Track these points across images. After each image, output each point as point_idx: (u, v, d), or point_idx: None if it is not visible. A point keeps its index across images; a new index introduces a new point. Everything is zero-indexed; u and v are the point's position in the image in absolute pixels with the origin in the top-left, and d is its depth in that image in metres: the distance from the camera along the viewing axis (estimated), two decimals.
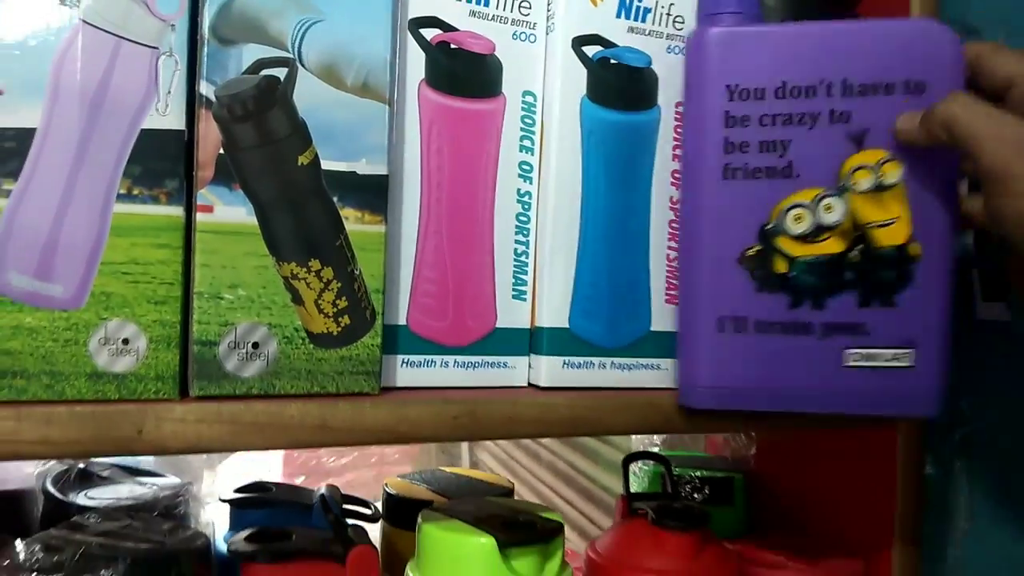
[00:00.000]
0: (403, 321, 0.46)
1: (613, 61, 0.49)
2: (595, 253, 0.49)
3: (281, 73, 0.41)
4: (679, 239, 0.46)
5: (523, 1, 0.48)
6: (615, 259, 0.49)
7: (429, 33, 0.46)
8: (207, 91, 0.40)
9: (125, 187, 0.39)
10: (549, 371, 0.48)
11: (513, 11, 0.48)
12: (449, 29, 0.46)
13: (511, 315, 0.49)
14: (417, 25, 0.46)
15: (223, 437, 0.39)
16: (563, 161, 0.48)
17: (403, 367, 0.46)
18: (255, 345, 0.41)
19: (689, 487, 0.64)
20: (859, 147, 0.42)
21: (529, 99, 0.49)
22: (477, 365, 0.48)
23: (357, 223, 0.43)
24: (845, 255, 0.43)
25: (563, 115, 0.48)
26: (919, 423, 0.58)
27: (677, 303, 0.48)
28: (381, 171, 0.43)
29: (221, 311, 0.40)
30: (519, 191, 0.49)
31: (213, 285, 0.40)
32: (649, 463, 0.67)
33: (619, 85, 0.49)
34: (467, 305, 0.48)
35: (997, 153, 0.37)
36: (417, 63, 0.46)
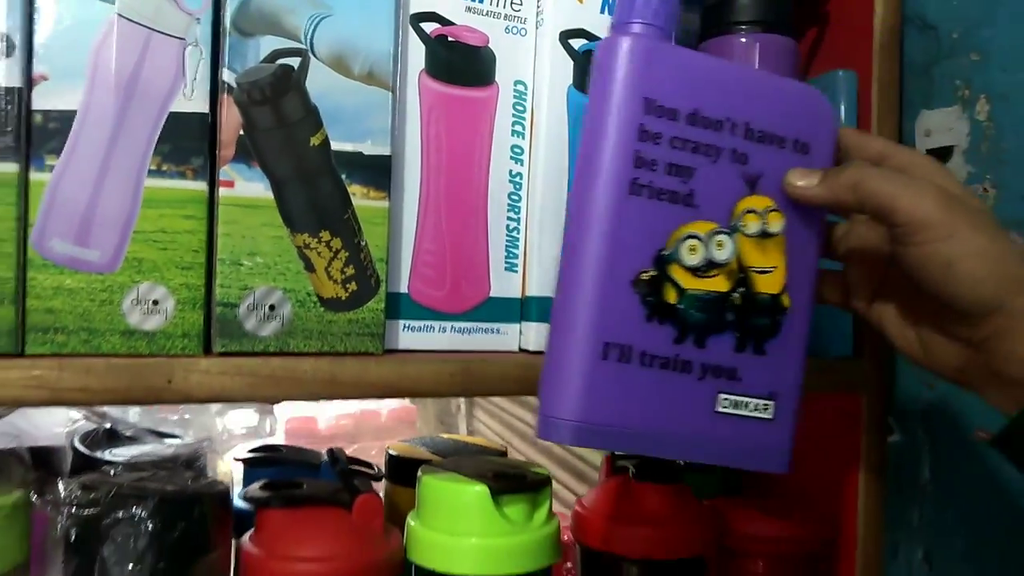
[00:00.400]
0: (404, 289, 0.51)
1: None
2: None
3: (295, 62, 0.45)
4: (564, 253, 0.41)
5: None
6: None
7: (428, 27, 0.50)
8: (229, 78, 0.44)
9: (155, 164, 0.43)
10: (538, 336, 0.53)
11: (505, 7, 0.52)
12: (447, 23, 0.51)
13: (503, 285, 0.53)
14: (418, 19, 0.50)
15: (243, 388, 0.44)
16: (551, 145, 0.53)
17: (404, 332, 0.51)
18: (271, 307, 0.45)
19: None
20: (752, 190, 0.42)
21: (520, 88, 0.53)
22: (472, 331, 0.53)
23: (363, 198, 0.47)
24: (729, 295, 0.42)
25: (551, 102, 0.53)
26: (885, 389, 0.62)
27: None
28: (385, 152, 0.48)
29: (241, 276, 0.45)
30: (511, 172, 0.53)
31: (234, 253, 0.45)
32: None
33: None
34: (463, 275, 0.52)
35: (916, 204, 0.39)
36: (417, 54, 0.50)
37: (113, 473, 0.47)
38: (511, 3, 0.52)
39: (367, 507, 0.49)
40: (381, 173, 0.48)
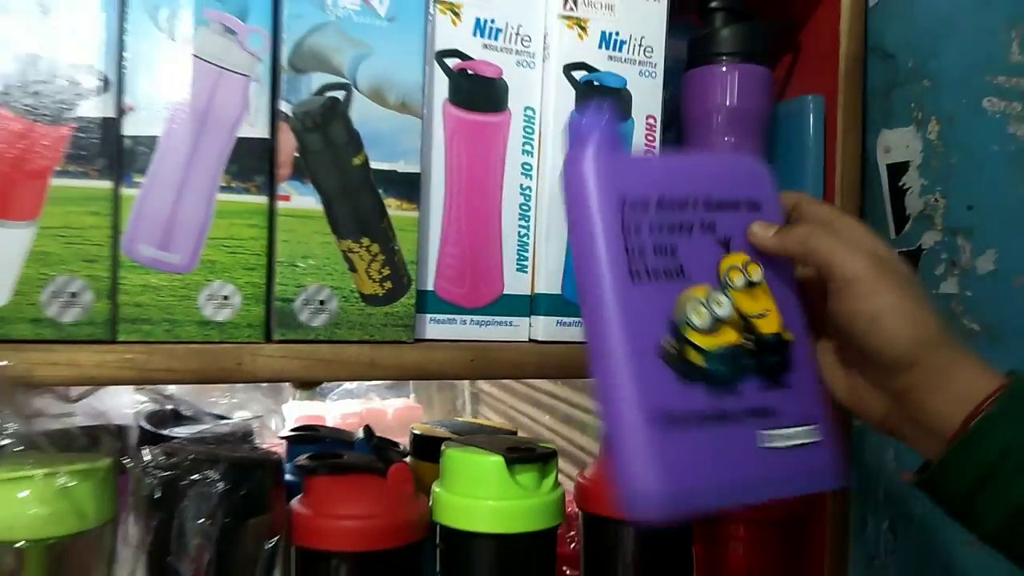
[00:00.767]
0: (431, 287, 0.59)
1: (596, 83, 0.61)
2: None
3: (340, 95, 0.54)
4: (590, 342, 0.44)
5: (524, 36, 0.60)
6: None
7: (451, 61, 0.58)
8: (285, 108, 0.52)
9: (225, 181, 0.52)
10: (545, 328, 0.61)
11: (517, 44, 0.60)
12: (467, 58, 0.59)
13: (515, 284, 0.61)
14: (442, 55, 0.58)
15: (299, 370, 0.52)
16: (557, 162, 0.61)
17: (431, 323, 0.59)
18: (321, 302, 0.54)
19: None
20: (727, 251, 0.47)
21: (529, 113, 0.61)
22: (488, 323, 0.61)
23: (397, 209, 0.55)
24: (741, 345, 0.46)
25: (556, 126, 0.61)
26: None
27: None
28: (415, 170, 0.56)
29: (296, 276, 0.53)
30: (521, 186, 0.61)
31: (290, 256, 0.53)
32: None
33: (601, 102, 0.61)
34: (480, 275, 0.60)
35: (849, 264, 0.44)
36: (442, 85, 0.58)
37: (183, 445, 0.54)
38: (521, 40, 0.60)
39: (400, 474, 0.57)
40: (412, 188, 0.56)
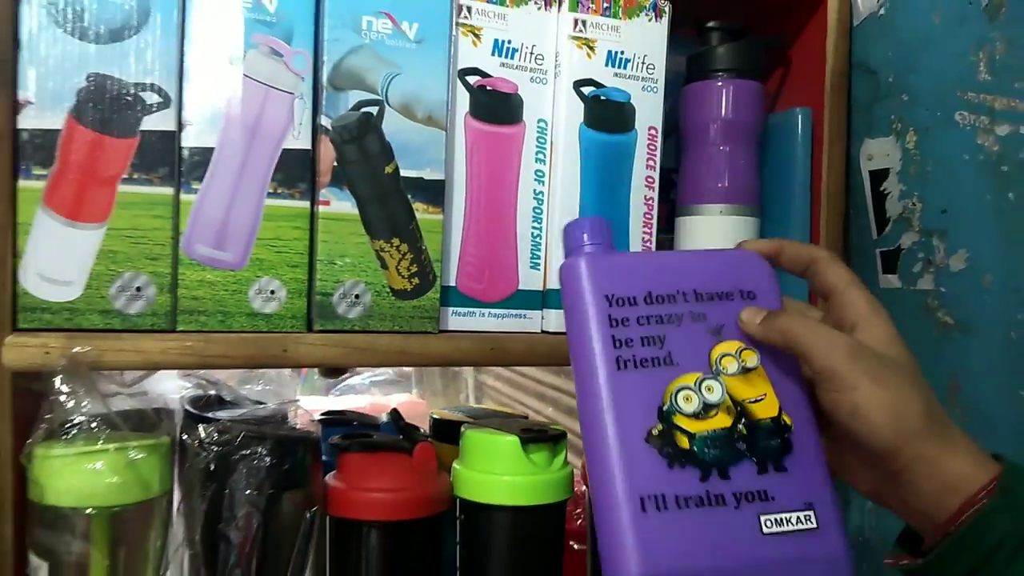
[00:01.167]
0: (453, 283, 0.65)
1: (603, 97, 0.67)
2: None
3: (374, 110, 0.60)
4: (583, 428, 0.46)
5: (538, 55, 0.66)
6: None
7: (472, 79, 0.64)
8: (325, 122, 0.58)
9: (272, 187, 0.57)
10: (556, 320, 0.67)
11: (531, 62, 0.66)
12: (486, 75, 0.65)
13: (529, 280, 0.67)
14: (463, 73, 0.64)
15: (338, 357, 0.58)
16: (567, 170, 0.67)
17: (453, 316, 0.65)
18: (356, 296, 0.60)
19: None
20: (719, 339, 0.48)
21: (542, 124, 0.67)
22: (504, 316, 0.67)
23: (424, 213, 0.61)
24: (734, 427, 0.46)
25: (567, 137, 0.67)
26: None
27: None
28: (440, 177, 0.62)
29: (334, 272, 0.59)
30: (535, 191, 0.67)
31: (329, 255, 0.59)
32: None
33: (607, 115, 0.67)
34: (498, 272, 0.66)
35: (826, 357, 0.44)
36: (464, 100, 0.64)
37: (232, 424, 0.60)
38: (535, 59, 0.66)
39: (424, 452, 0.63)
40: (437, 193, 0.62)
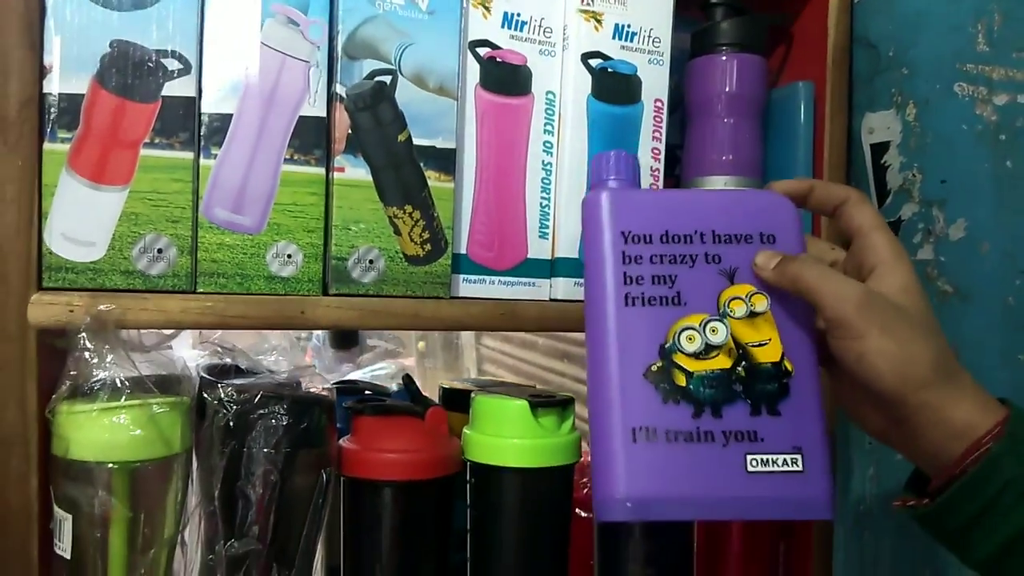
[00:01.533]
0: (464, 251, 0.66)
1: (610, 70, 0.69)
2: None
3: (388, 79, 0.61)
4: (588, 360, 0.49)
5: (547, 27, 0.68)
6: None
7: (482, 51, 0.66)
8: (340, 91, 0.60)
9: (289, 154, 0.59)
10: (564, 288, 0.68)
11: (540, 35, 0.68)
12: (496, 48, 0.66)
13: (538, 248, 0.69)
14: (474, 45, 0.66)
15: (353, 319, 0.59)
16: (574, 141, 0.68)
17: (464, 283, 0.66)
18: (370, 261, 0.61)
19: None
20: (731, 282, 0.49)
21: (550, 96, 0.69)
22: (514, 283, 0.68)
23: (436, 181, 0.63)
24: (733, 369, 0.48)
25: (575, 108, 0.68)
26: None
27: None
28: (451, 146, 0.63)
29: (349, 238, 0.60)
30: (543, 162, 0.69)
31: (344, 220, 0.60)
32: None
33: (614, 87, 0.69)
34: (507, 241, 0.68)
35: (836, 306, 0.45)
36: (474, 72, 0.66)
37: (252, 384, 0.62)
38: (544, 31, 0.68)
39: (436, 416, 0.65)
40: (448, 162, 0.63)
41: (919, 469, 0.50)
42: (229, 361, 0.69)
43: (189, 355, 0.73)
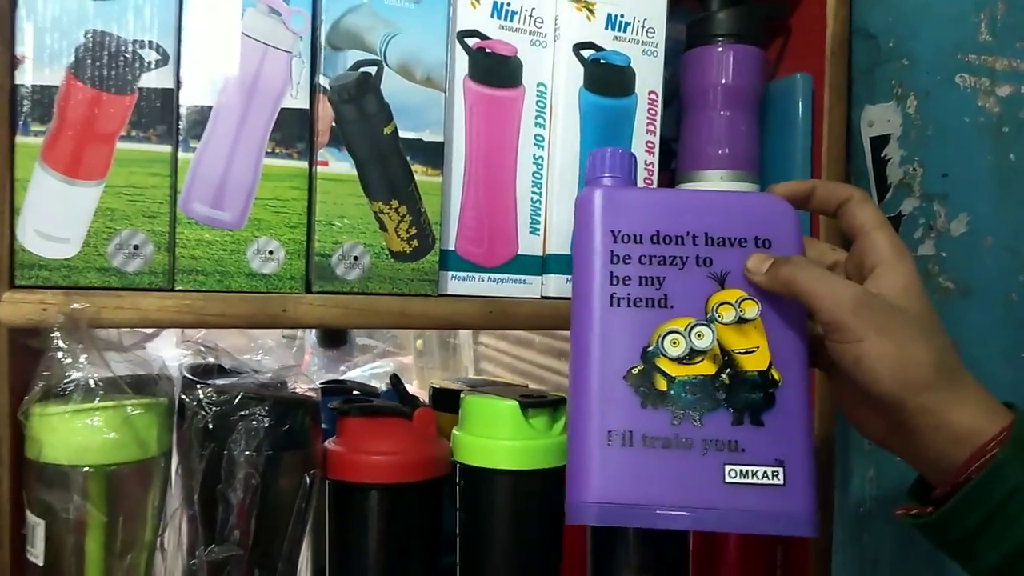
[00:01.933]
0: (453, 247, 0.65)
1: (603, 61, 0.67)
2: None
3: (373, 70, 0.59)
4: (571, 360, 0.48)
5: (537, 17, 0.66)
6: None
7: (471, 41, 0.64)
8: (324, 82, 0.58)
9: (270, 147, 0.57)
10: (556, 285, 0.67)
11: (530, 25, 0.66)
12: (485, 38, 0.65)
13: (529, 245, 0.67)
14: (463, 35, 0.64)
15: (337, 317, 0.58)
16: (566, 134, 0.67)
17: (452, 280, 0.65)
18: (355, 258, 0.59)
19: None
20: (721, 286, 0.48)
21: (542, 88, 0.67)
22: (504, 281, 0.66)
23: (423, 175, 0.61)
24: (717, 376, 0.46)
25: (566, 100, 0.66)
26: None
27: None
28: (439, 139, 0.62)
29: (333, 234, 0.59)
30: (534, 155, 0.67)
31: (328, 216, 0.59)
32: None
33: (607, 78, 0.67)
34: (497, 237, 0.66)
35: (832, 308, 0.44)
36: (463, 62, 0.64)
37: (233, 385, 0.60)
38: (535, 22, 0.66)
39: (424, 416, 0.63)
40: (436, 155, 0.62)
41: (922, 476, 0.48)
42: (212, 360, 0.67)
43: (172, 354, 0.71)
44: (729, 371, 0.47)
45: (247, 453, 0.57)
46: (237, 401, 0.57)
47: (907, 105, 0.71)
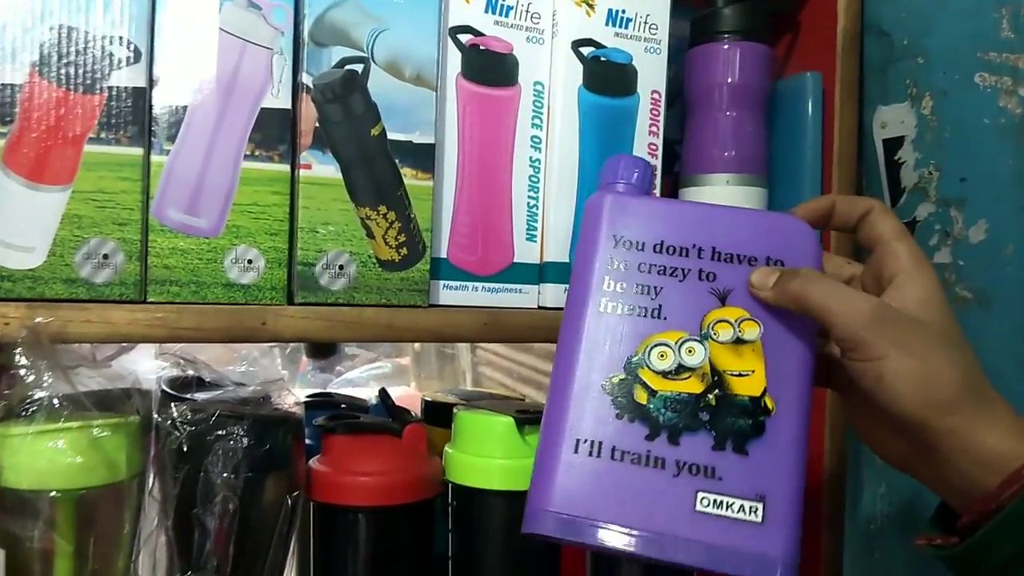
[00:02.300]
0: (444, 255, 0.61)
1: (603, 59, 0.64)
2: None
3: (359, 68, 0.56)
4: (554, 362, 0.46)
5: (534, 13, 0.63)
6: None
7: (464, 37, 0.61)
8: (307, 80, 0.55)
9: (250, 149, 0.54)
10: (553, 295, 0.63)
11: (527, 20, 0.63)
12: (479, 34, 0.61)
13: (525, 252, 0.64)
14: (455, 31, 0.60)
15: (321, 330, 0.54)
16: (565, 135, 0.63)
17: (444, 290, 0.61)
18: (340, 267, 0.56)
19: None
20: (722, 303, 0.45)
21: (539, 87, 0.63)
22: (499, 290, 0.63)
23: (412, 179, 0.58)
24: (703, 396, 0.43)
25: (565, 100, 0.63)
26: None
27: None
28: (430, 141, 0.58)
29: (317, 241, 0.55)
30: (531, 158, 0.64)
31: (311, 222, 0.55)
32: None
33: (607, 77, 0.64)
34: (492, 244, 0.63)
35: (847, 323, 0.41)
36: (455, 60, 0.61)
37: (211, 402, 0.57)
38: (531, 17, 0.63)
39: (415, 434, 0.60)
40: (427, 158, 0.58)
41: (945, 503, 0.44)
42: (192, 373, 0.64)
43: (150, 367, 0.68)
44: (717, 392, 0.44)
45: (224, 475, 0.54)
46: (214, 420, 0.54)
47: (922, 105, 0.68)
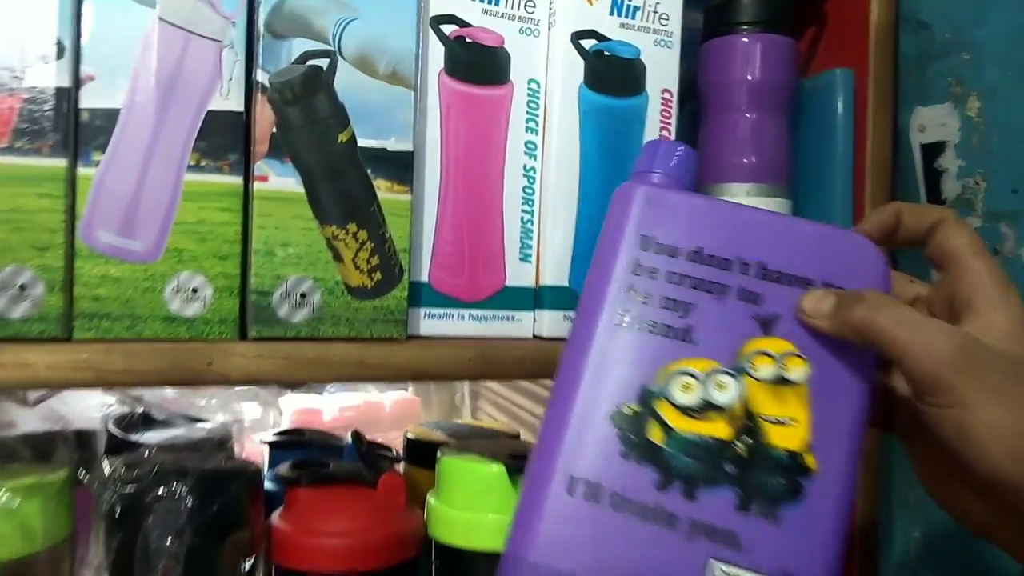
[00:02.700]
0: (426, 279, 0.53)
1: (607, 53, 0.56)
2: (591, 220, 0.56)
3: (324, 63, 0.48)
4: (554, 384, 0.39)
5: (528, 2, 0.55)
6: None
7: (448, 28, 0.53)
8: (262, 78, 0.47)
9: (194, 159, 0.46)
10: (551, 323, 0.56)
11: (520, 9, 0.55)
12: (464, 25, 0.53)
13: (518, 275, 0.56)
14: (437, 22, 0.53)
15: (278, 371, 0.46)
16: (563, 141, 0.56)
17: (426, 319, 0.53)
18: (303, 295, 0.48)
19: None
20: (765, 332, 0.38)
21: (534, 86, 0.56)
22: (489, 318, 0.55)
23: (387, 192, 0.50)
24: (730, 444, 0.37)
25: (563, 100, 0.55)
26: None
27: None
28: (407, 148, 0.50)
29: (274, 266, 0.48)
30: (525, 167, 0.56)
31: (267, 243, 0.47)
32: None
33: (612, 74, 0.56)
34: (480, 265, 0.55)
35: (924, 361, 0.35)
36: (437, 54, 0.53)
37: (148, 454, 0.49)
38: (525, 5, 0.55)
39: (391, 485, 0.52)
40: (404, 168, 0.50)
41: None
42: (142, 411, 0.56)
43: (96, 403, 0.60)
44: (749, 441, 0.37)
45: (167, 542, 0.46)
46: (152, 477, 0.46)
47: (967, 107, 0.60)
